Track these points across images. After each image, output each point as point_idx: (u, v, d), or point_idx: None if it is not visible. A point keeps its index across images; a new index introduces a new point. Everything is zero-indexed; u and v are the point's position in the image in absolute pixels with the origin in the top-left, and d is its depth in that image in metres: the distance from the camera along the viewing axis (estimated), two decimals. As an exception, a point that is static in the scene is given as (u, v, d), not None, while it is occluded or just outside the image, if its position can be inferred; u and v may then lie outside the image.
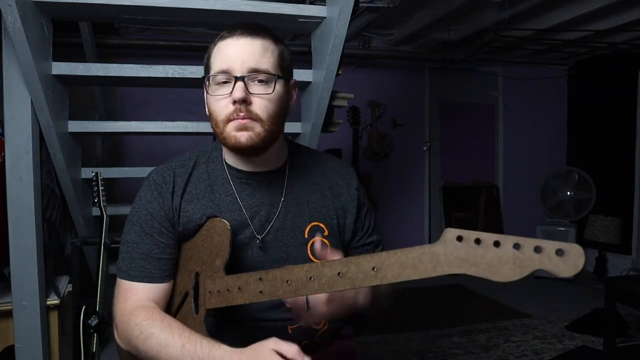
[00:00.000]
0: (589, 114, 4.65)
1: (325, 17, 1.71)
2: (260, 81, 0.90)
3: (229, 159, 1.00)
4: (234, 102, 0.88)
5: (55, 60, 1.68)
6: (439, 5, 3.34)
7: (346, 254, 1.06)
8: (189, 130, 2.00)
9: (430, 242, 4.53)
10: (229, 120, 0.90)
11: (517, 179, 4.79)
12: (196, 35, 3.66)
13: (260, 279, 0.85)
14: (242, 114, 0.88)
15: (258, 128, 0.90)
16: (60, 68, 1.68)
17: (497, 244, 0.63)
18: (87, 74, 1.71)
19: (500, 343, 2.75)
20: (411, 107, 4.55)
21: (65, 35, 3.02)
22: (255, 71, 0.89)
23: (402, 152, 4.50)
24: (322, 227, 1.01)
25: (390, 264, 0.72)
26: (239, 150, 0.92)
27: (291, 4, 1.71)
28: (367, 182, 4.23)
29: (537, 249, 0.60)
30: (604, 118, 4.46)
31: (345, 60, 1.91)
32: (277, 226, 0.99)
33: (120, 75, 1.76)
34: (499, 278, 0.63)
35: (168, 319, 0.90)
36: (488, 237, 0.63)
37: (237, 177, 0.99)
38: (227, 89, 0.89)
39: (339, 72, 1.79)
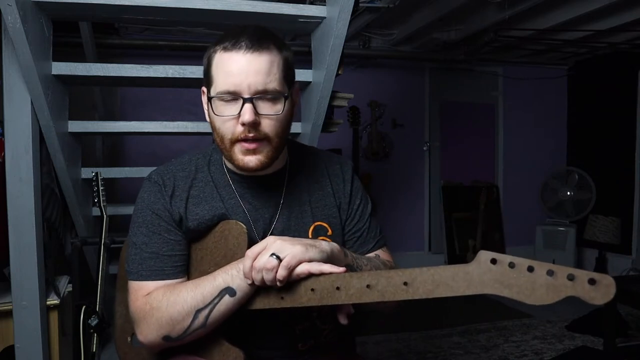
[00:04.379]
0: (589, 114, 4.65)
1: (325, 17, 1.71)
2: (267, 99, 0.88)
3: (230, 164, 0.99)
4: (243, 124, 0.86)
5: (55, 60, 1.68)
6: (439, 5, 3.33)
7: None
8: (189, 130, 2.00)
9: (430, 241, 4.55)
10: (237, 140, 0.88)
11: (517, 179, 4.79)
12: (196, 35, 3.66)
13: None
14: (251, 135, 0.87)
15: (267, 148, 0.89)
16: (60, 68, 1.68)
17: (530, 269, 0.66)
18: (87, 74, 1.71)
19: (500, 343, 2.75)
20: (411, 107, 4.55)
21: (65, 35, 3.03)
22: (263, 92, 0.86)
23: (402, 152, 4.50)
24: (325, 227, 1.01)
25: (422, 281, 0.73)
26: (246, 171, 0.92)
27: (291, 4, 1.71)
28: (367, 182, 4.23)
29: (570, 277, 0.63)
30: (604, 118, 4.46)
31: (345, 60, 1.91)
32: (281, 227, 0.98)
33: (120, 75, 1.76)
34: (532, 301, 0.66)
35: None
36: (522, 262, 0.66)
37: (238, 182, 0.99)
38: (233, 108, 0.87)
39: (339, 72, 1.79)
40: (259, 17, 1.67)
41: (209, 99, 0.89)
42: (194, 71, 1.79)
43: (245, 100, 0.85)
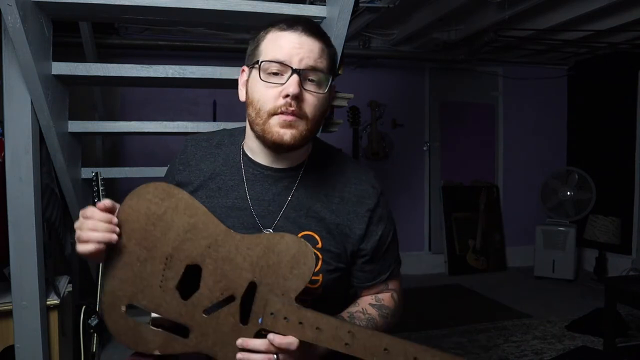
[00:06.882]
0: (589, 114, 4.65)
1: (325, 17, 1.71)
2: (312, 80, 0.89)
3: (249, 146, 0.99)
4: (286, 96, 0.86)
5: (55, 60, 1.68)
6: (439, 5, 3.33)
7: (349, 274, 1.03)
8: (189, 130, 2.00)
9: (430, 241, 4.55)
10: (274, 113, 0.87)
11: (517, 179, 4.79)
12: (196, 35, 3.66)
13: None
14: (291, 109, 0.86)
15: (302, 126, 0.89)
16: (60, 68, 1.68)
17: None
18: (87, 74, 1.71)
19: (500, 343, 2.75)
20: (411, 107, 4.55)
21: (65, 35, 3.02)
22: (313, 69, 0.88)
23: (402, 152, 4.50)
24: (315, 238, 0.96)
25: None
26: (278, 146, 0.90)
27: (291, 4, 1.71)
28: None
29: None
30: (604, 118, 4.46)
31: (345, 60, 1.91)
32: (279, 226, 0.97)
33: (120, 75, 1.76)
34: None
35: None
36: None
37: (250, 167, 0.99)
38: (279, 79, 0.88)
39: (339, 72, 1.79)
40: (259, 17, 1.67)
41: (259, 63, 0.89)
42: (194, 71, 1.79)
43: (293, 71, 0.86)
